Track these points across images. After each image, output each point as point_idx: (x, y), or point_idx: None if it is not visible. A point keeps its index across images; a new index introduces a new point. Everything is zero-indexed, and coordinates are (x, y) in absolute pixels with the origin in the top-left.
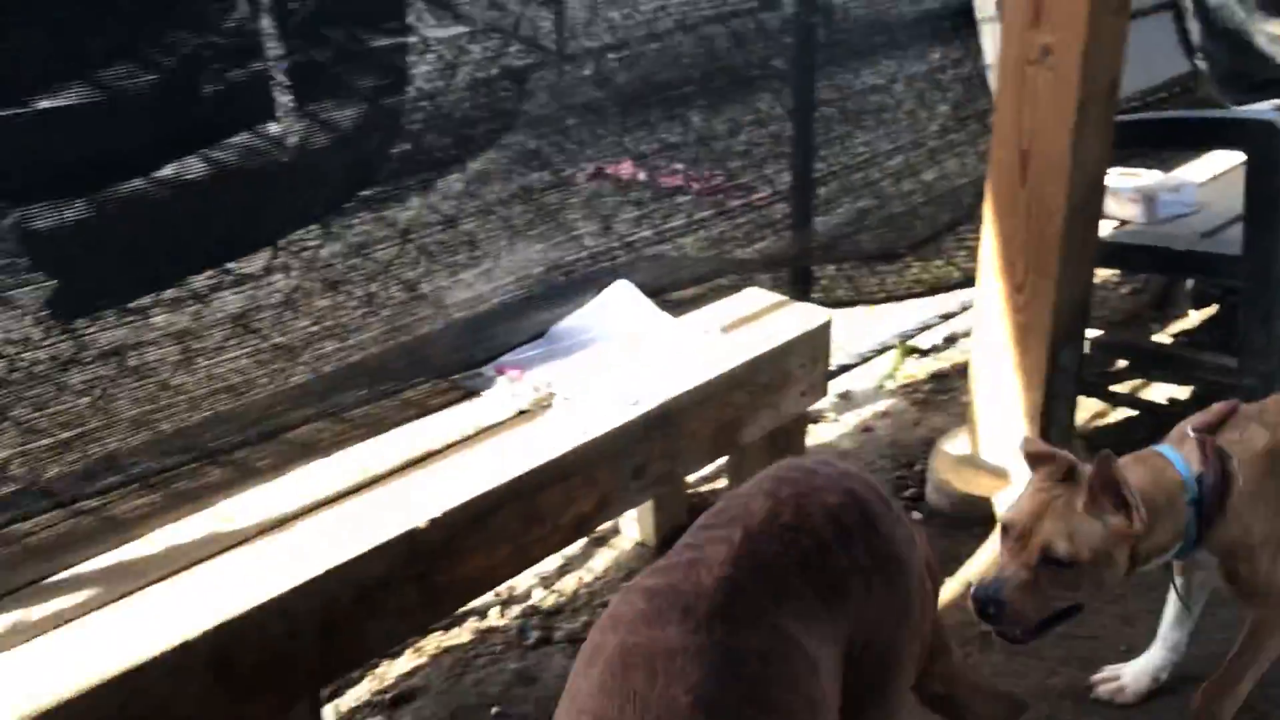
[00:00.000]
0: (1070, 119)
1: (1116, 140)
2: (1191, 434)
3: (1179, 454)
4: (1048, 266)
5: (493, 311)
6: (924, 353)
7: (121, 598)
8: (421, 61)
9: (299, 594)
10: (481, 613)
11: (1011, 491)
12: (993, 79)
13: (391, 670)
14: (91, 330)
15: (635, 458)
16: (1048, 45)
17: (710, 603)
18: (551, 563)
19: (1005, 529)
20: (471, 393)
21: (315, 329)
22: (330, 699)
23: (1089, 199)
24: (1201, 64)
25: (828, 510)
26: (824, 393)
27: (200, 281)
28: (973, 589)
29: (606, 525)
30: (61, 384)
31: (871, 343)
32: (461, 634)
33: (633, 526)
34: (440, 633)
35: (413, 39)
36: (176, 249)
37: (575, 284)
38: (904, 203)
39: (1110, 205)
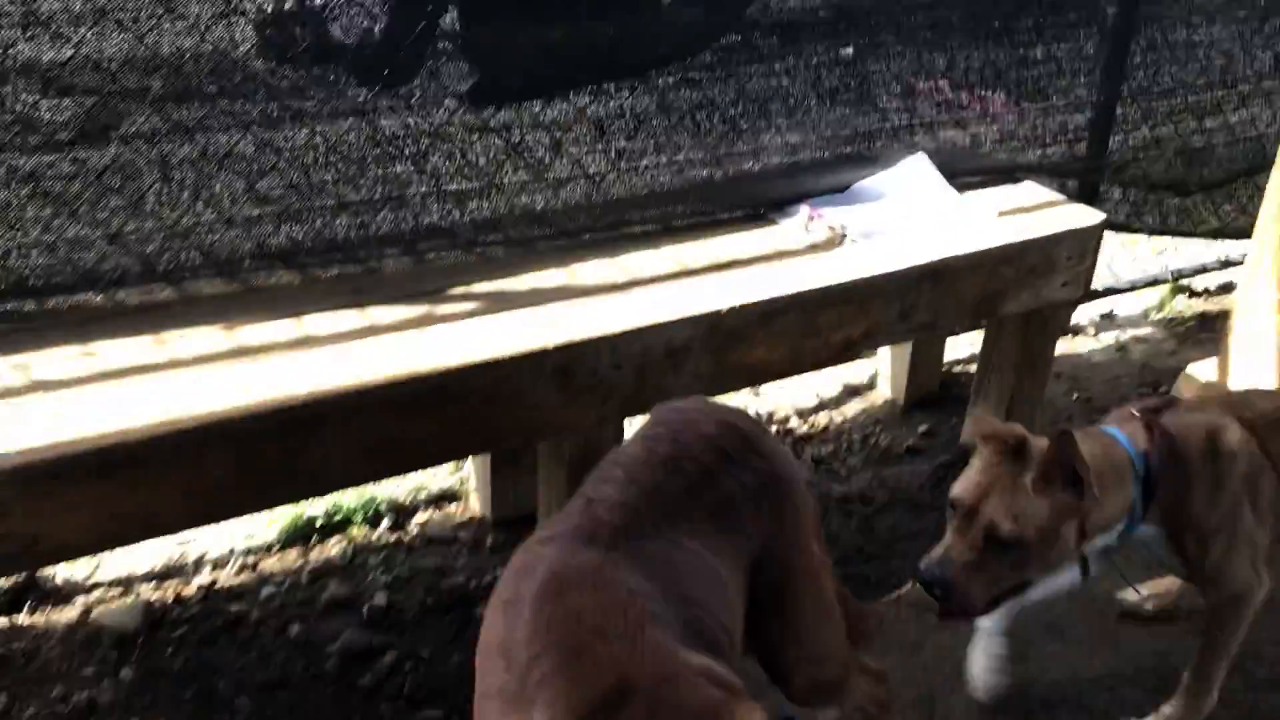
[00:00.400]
0: None
1: None
2: (1136, 415)
3: (1124, 433)
4: None
5: (802, 161)
6: (1196, 293)
7: (496, 311)
8: None
9: (624, 338)
10: None
11: None
12: None
13: None
14: (492, 114)
15: (905, 300)
16: None
17: (611, 529)
18: (809, 399)
19: (952, 505)
20: (774, 223)
21: (653, 147)
22: None
23: None
24: None
25: (707, 439)
26: (1085, 289)
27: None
28: (920, 568)
29: (863, 378)
30: (465, 151)
31: (1144, 273)
32: None
33: (887, 385)
34: None
35: None
36: (565, 68)
37: (877, 151)
38: (1203, 139)
39: None
